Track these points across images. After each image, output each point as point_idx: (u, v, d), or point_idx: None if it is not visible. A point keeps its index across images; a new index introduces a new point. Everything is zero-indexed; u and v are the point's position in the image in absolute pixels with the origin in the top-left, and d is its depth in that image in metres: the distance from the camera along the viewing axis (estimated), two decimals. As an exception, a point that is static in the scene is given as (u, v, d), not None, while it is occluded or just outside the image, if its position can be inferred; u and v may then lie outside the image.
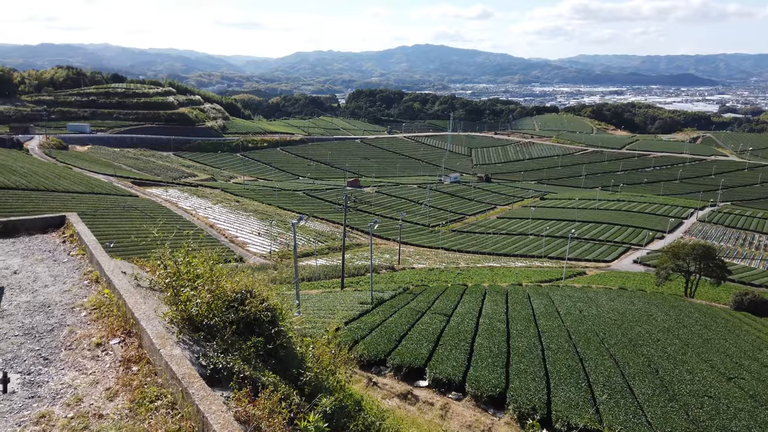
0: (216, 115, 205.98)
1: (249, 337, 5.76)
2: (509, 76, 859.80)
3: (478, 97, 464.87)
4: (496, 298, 35.89)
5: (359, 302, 33.36)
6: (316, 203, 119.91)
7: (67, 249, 8.54)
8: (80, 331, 5.97)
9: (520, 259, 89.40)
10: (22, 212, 72.45)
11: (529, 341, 25.36)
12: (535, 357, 23.29)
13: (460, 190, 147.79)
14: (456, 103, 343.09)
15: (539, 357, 23.45)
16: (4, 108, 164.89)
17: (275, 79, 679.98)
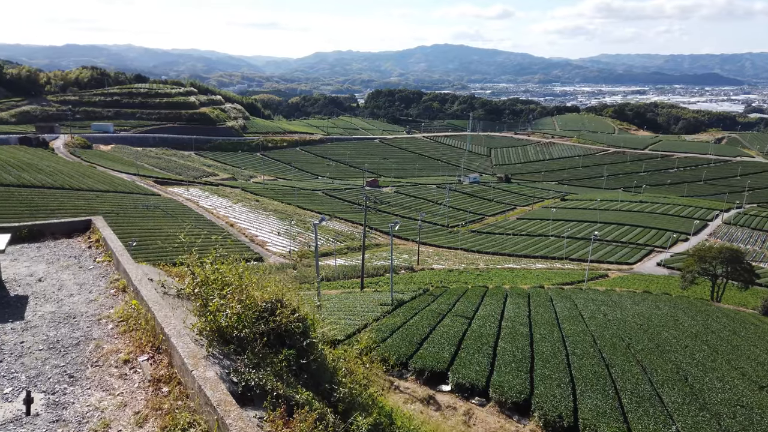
0: (236, 115, 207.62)
1: (280, 350, 5.49)
2: (529, 76, 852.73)
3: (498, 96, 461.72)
4: (517, 300, 35.37)
5: (379, 303, 33.13)
6: (335, 203, 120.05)
7: (92, 255, 8.24)
8: (107, 345, 5.72)
9: (540, 260, 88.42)
10: (47, 211, 73.72)
11: (554, 346, 24.88)
12: (559, 362, 22.81)
13: (480, 191, 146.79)
14: (475, 102, 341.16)
15: (564, 362, 22.97)
16: (30, 108, 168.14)
17: (295, 79, 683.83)
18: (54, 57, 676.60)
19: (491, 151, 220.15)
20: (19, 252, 8.53)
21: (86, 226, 9.31)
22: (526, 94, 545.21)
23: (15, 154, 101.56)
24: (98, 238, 8.47)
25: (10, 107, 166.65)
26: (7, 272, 7.62)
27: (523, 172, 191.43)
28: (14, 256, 8.34)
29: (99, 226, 8.64)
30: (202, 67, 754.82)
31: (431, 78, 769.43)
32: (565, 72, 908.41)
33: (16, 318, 6.23)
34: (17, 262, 8.04)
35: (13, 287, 7.12)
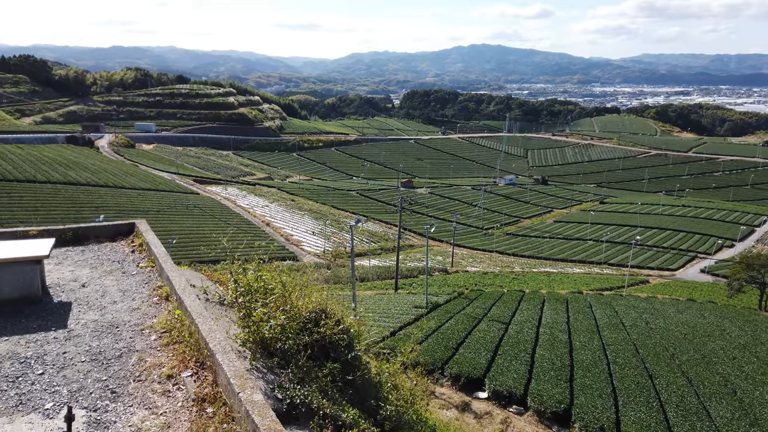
0: (274, 116, 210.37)
1: (324, 363, 5.29)
2: (568, 76, 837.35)
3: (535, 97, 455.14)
4: (555, 306, 34.58)
5: (413, 306, 32.87)
6: (369, 203, 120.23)
7: (136, 260, 8.15)
8: (150, 358, 5.52)
9: (578, 264, 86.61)
10: (91, 208, 76.06)
11: (594, 354, 24.16)
12: (600, 372, 22.13)
13: (516, 193, 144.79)
14: (512, 103, 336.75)
15: (605, 372, 22.27)
16: (77, 108, 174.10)
17: (331, 79, 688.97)
18: (100, 58, 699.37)
19: (528, 152, 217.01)
20: (63, 256, 8.48)
21: (130, 229, 9.25)
22: (564, 94, 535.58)
23: (62, 153, 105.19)
24: (141, 242, 8.40)
25: (58, 107, 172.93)
26: (52, 277, 7.57)
27: (561, 174, 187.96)
28: (58, 260, 8.28)
29: (142, 230, 8.55)
30: (241, 68, 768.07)
31: (467, 78, 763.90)
32: (605, 72, 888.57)
33: (59, 326, 6.14)
34: (62, 266, 8.00)
35: (57, 293, 7.06)
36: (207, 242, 73.74)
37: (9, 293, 6.59)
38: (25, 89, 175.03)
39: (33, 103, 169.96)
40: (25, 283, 6.69)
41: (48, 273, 7.72)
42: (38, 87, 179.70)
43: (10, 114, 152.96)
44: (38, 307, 6.61)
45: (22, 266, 6.65)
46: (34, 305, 6.64)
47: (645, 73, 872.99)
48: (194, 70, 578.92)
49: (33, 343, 5.76)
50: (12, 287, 6.61)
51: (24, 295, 6.66)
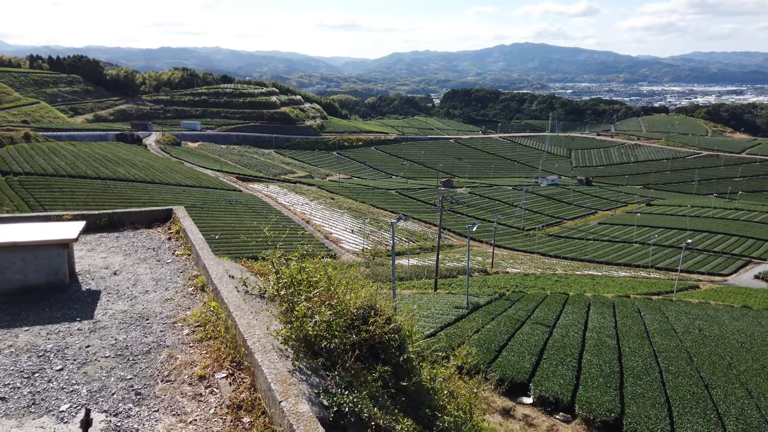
0: (315, 115, 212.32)
1: (373, 365, 4.81)
2: (614, 75, 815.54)
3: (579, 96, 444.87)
4: (602, 310, 33.34)
5: (454, 306, 32.27)
6: (408, 202, 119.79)
7: (172, 247, 7.83)
8: (181, 356, 4.96)
9: (623, 268, 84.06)
10: (139, 203, 78.21)
11: (645, 361, 23.06)
12: (652, 380, 21.07)
13: (558, 193, 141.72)
14: (555, 102, 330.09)
15: (657, 380, 21.19)
16: (127, 107, 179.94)
17: (372, 79, 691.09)
18: (149, 59, 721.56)
19: (571, 152, 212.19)
20: (97, 242, 8.11)
21: (167, 216, 8.88)
22: (609, 93, 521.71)
23: (112, 150, 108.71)
24: (178, 229, 7.98)
25: (109, 106, 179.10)
26: (82, 263, 7.23)
27: (605, 175, 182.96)
28: (91, 246, 7.97)
29: (179, 216, 8.17)
30: (284, 68, 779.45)
31: (509, 77, 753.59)
32: (653, 71, 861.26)
33: (84, 317, 5.69)
34: (94, 253, 7.66)
35: (86, 280, 6.66)
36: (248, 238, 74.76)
37: (34, 279, 6.15)
38: (78, 88, 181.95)
39: (86, 101, 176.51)
40: (51, 269, 6.22)
41: (79, 259, 7.30)
42: (91, 86, 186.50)
43: (65, 112, 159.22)
44: (64, 295, 6.19)
45: (48, 250, 6.17)
46: (61, 293, 6.22)
47: (695, 72, 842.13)
48: (238, 70, 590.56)
49: (54, 335, 5.30)
50: (37, 273, 6.16)
51: (50, 282, 6.22)
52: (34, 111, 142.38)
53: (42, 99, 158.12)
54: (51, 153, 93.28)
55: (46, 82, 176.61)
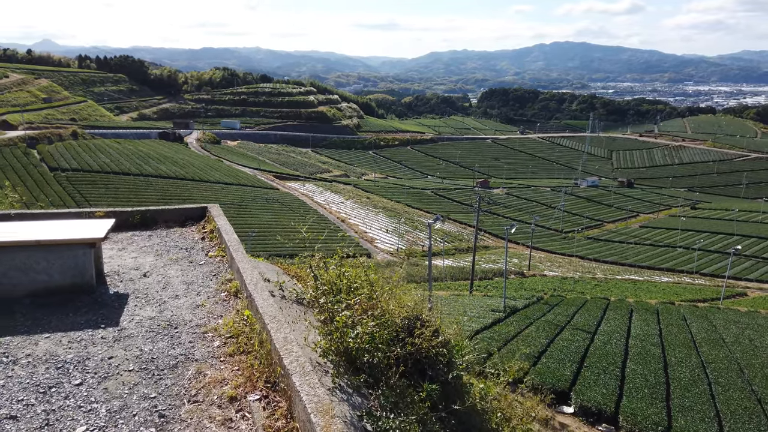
0: (351, 114, 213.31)
1: (419, 383, 4.33)
2: (658, 75, 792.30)
3: (622, 96, 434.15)
4: (645, 317, 32.17)
5: (490, 309, 31.66)
6: (443, 203, 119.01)
7: (205, 248, 7.44)
8: (211, 372, 4.49)
9: (666, 273, 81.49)
10: (179, 200, 79.89)
11: (692, 372, 22.05)
12: (701, 392, 20.10)
13: (598, 195, 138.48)
14: (596, 102, 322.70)
15: (707, 393, 20.20)
16: (169, 105, 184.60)
17: (409, 79, 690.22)
18: (192, 59, 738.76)
19: (612, 153, 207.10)
20: (128, 240, 7.79)
21: (201, 214, 8.53)
22: (653, 93, 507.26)
23: (155, 148, 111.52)
24: (212, 228, 7.65)
25: (152, 105, 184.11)
26: (112, 264, 6.84)
27: (648, 177, 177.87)
28: (122, 245, 7.59)
29: (214, 214, 7.84)
30: (321, 67, 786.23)
31: (549, 77, 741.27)
32: (699, 70, 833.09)
33: (109, 323, 5.32)
34: (124, 252, 7.29)
35: (115, 282, 6.30)
36: (284, 236, 75.59)
37: (59, 280, 5.78)
38: (124, 88, 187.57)
39: (131, 100, 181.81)
40: (77, 270, 5.82)
41: (108, 259, 6.92)
42: (136, 86, 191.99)
43: (110, 111, 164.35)
44: (90, 299, 5.81)
45: (73, 250, 5.78)
46: (86, 295, 5.85)
47: (744, 72, 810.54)
48: (277, 69, 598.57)
49: (76, 343, 4.91)
50: (62, 273, 5.78)
51: (75, 284, 5.84)
52: (82, 109, 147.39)
53: (89, 98, 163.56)
54: (97, 150, 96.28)
55: (94, 82, 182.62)
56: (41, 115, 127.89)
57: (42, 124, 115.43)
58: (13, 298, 5.62)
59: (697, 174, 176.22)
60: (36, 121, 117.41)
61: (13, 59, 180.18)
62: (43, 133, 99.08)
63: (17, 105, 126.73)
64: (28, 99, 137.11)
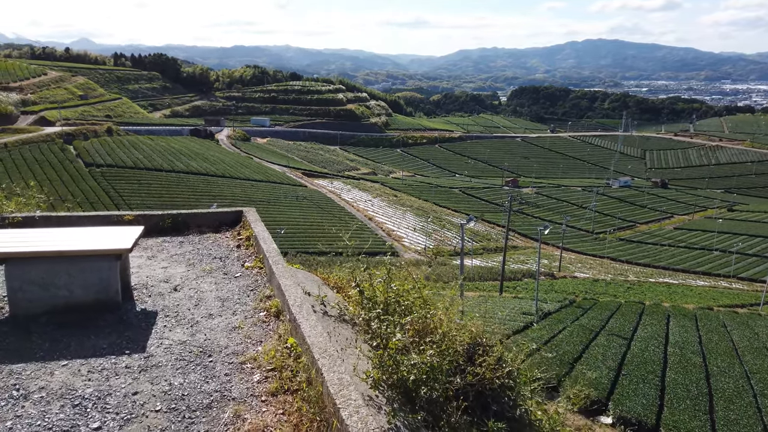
0: (380, 112, 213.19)
1: (482, 419, 3.73)
2: (694, 73, 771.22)
3: (656, 95, 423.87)
4: (683, 322, 31.10)
5: (521, 312, 31.04)
6: (472, 202, 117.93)
7: (241, 257, 6.73)
8: (250, 416, 3.69)
9: (701, 277, 79.27)
10: (209, 196, 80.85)
11: (736, 383, 21.14)
12: (747, 405, 19.23)
13: (631, 196, 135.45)
14: (629, 101, 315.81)
15: (752, 405, 19.33)
16: (201, 103, 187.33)
17: (437, 76, 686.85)
18: (223, 57, 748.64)
19: (645, 153, 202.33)
20: (159, 247, 7.13)
21: (236, 218, 7.86)
22: (688, 92, 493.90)
23: (187, 144, 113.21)
24: (249, 235, 7.03)
25: (185, 102, 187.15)
26: (140, 274, 6.13)
27: (683, 177, 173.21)
28: (152, 252, 6.93)
29: (250, 220, 7.22)
30: (350, 65, 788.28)
31: (580, 75, 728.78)
32: (737, 68, 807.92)
33: (135, 348, 4.63)
34: (153, 261, 6.61)
35: (142, 297, 5.59)
36: (313, 233, 75.89)
37: (81, 296, 5.12)
38: (157, 85, 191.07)
39: (164, 98, 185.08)
40: (102, 285, 5.16)
41: (137, 269, 6.19)
42: (169, 83, 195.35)
43: (144, 108, 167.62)
44: (114, 317, 5.12)
45: (98, 262, 5.13)
46: (110, 314, 5.16)
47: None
48: (306, 67, 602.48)
49: (97, 373, 4.25)
50: (85, 289, 5.12)
51: (99, 300, 5.17)
52: (117, 106, 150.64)
53: (124, 95, 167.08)
54: (130, 146, 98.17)
55: (128, 79, 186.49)
56: (77, 111, 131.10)
57: (78, 120, 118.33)
58: (30, 316, 5.00)
59: (735, 175, 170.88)
60: (72, 118, 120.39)
61: (52, 57, 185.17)
62: (79, 129, 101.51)
63: (55, 102, 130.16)
64: (65, 96, 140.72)
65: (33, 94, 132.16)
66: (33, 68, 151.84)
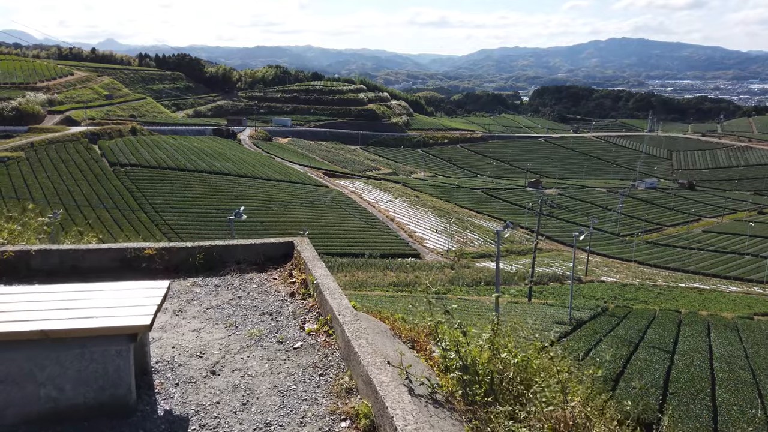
0: (401, 112, 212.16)
1: None
2: (720, 72, 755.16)
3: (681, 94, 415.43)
4: (725, 334, 29.68)
5: (554, 321, 29.90)
6: (494, 203, 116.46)
7: (298, 313, 4.91)
8: None
9: (733, 282, 77.04)
10: (232, 196, 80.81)
11: (792, 403, 19.88)
12: (808, 428, 18.00)
13: (657, 197, 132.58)
14: (654, 100, 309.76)
15: (814, 429, 18.09)
16: (223, 102, 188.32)
17: (458, 76, 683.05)
18: (245, 57, 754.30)
19: (672, 154, 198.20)
20: (187, 294, 5.35)
21: (285, 251, 6.18)
22: (715, 91, 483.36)
23: (209, 144, 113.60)
24: (305, 279, 5.35)
25: (208, 102, 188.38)
26: (164, 343, 4.32)
27: (711, 179, 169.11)
28: (179, 303, 5.13)
29: (306, 257, 5.50)
30: (371, 65, 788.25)
31: (603, 74, 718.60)
32: (765, 67, 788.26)
33: None
34: (182, 320, 4.79)
35: (167, 388, 3.69)
36: (335, 234, 75.36)
37: (74, 397, 3.32)
38: (181, 85, 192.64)
39: (187, 98, 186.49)
40: (107, 379, 3.35)
41: (159, 332, 4.49)
42: (192, 83, 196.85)
43: (168, 107, 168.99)
44: (127, 428, 3.28)
45: (101, 345, 3.33)
46: (120, 421, 3.33)
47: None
48: (328, 67, 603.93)
49: None
50: (81, 385, 3.32)
51: (102, 402, 3.34)
52: (141, 106, 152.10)
53: (148, 95, 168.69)
54: (154, 146, 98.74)
55: (153, 79, 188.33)
56: (103, 111, 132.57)
57: (103, 120, 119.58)
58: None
59: (766, 177, 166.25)
60: (98, 117, 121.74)
61: (79, 57, 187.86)
62: (104, 129, 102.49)
63: (81, 101, 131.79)
64: (91, 96, 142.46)
65: (59, 94, 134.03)
66: (60, 68, 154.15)
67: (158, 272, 5.70)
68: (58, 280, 4.93)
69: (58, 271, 5.42)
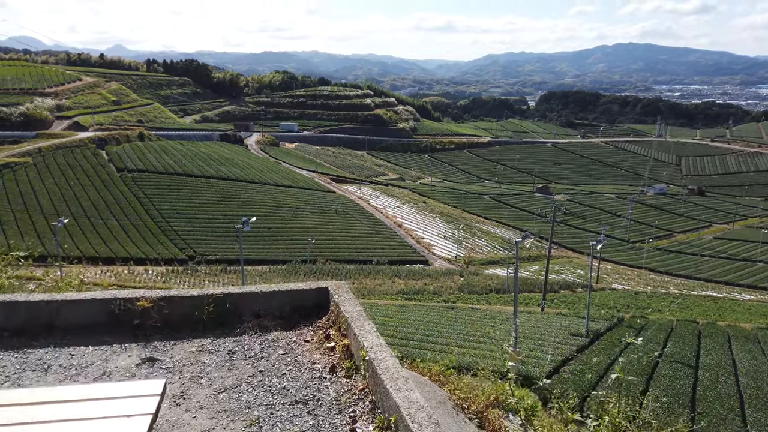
0: (407, 117, 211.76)
1: None
2: (728, 77, 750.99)
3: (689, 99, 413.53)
4: (747, 346, 28.78)
5: (570, 333, 29.08)
6: (501, 208, 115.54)
7: (343, 403, 3.55)
8: None
9: (746, 290, 75.85)
10: (239, 202, 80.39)
11: (825, 423, 19.02)
12: None
13: (667, 203, 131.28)
14: (662, 105, 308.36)
15: None
16: (231, 108, 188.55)
17: (464, 81, 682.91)
18: (253, 63, 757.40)
19: (681, 159, 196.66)
20: (192, 366, 4.08)
21: (318, 300, 4.88)
22: (723, 96, 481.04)
23: (216, 149, 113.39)
24: (347, 346, 4.08)
25: (215, 107, 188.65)
26: None
27: (721, 185, 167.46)
28: (181, 383, 3.86)
29: (347, 312, 4.24)
30: (378, 71, 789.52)
31: (611, 79, 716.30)
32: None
33: None
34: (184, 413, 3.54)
35: None
36: (342, 240, 74.69)
37: None
38: (188, 90, 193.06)
39: (194, 103, 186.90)
40: None
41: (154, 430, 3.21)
42: (199, 89, 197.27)
43: (175, 113, 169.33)
44: None
45: None
46: None
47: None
48: (334, 73, 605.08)
49: None
50: None
51: None
52: (149, 111, 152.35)
53: (156, 100, 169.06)
54: (162, 151, 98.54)
55: (160, 85, 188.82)
56: (111, 116, 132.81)
57: (111, 125, 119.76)
58: None
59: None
60: (105, 123, 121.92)
61: (87, 63, 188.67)
62: (111, 134, 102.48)
63: (89, 107, 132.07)
64: (99, 101, 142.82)
65: (68, 100, 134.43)
66: (68, 74, 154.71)
67: (154, 331, 4.43)
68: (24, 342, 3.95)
69: (26, 330, 4.25)
